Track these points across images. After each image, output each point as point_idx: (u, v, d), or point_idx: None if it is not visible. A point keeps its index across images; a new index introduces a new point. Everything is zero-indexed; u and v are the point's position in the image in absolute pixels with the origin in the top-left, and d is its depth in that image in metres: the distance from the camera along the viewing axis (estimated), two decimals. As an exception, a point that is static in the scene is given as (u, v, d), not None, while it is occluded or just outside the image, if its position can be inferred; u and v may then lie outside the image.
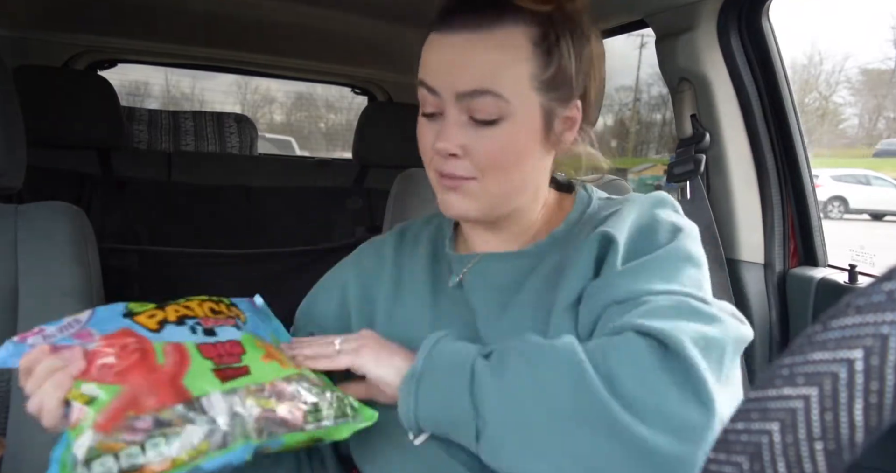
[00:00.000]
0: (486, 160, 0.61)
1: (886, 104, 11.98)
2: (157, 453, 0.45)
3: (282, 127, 13.04)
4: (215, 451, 0.47)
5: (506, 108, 0.60)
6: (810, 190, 1.18)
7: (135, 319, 0.55)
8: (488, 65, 0.59)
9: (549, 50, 0.60)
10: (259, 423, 0.51)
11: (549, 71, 0.61)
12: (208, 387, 0.50)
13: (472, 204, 0.64)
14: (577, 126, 0.66)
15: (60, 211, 0.89)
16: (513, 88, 0.59)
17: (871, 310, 0.21)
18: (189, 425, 0.47)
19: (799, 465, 0.22)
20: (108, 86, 1.67)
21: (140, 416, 0.46)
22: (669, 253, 0.59)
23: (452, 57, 0.60)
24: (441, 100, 0.61)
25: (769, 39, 1.14)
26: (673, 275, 0.58)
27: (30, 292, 0.83)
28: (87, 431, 0.45)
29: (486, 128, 0.60)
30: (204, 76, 11.39)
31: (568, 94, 0.63)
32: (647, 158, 12.17)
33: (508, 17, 0.59)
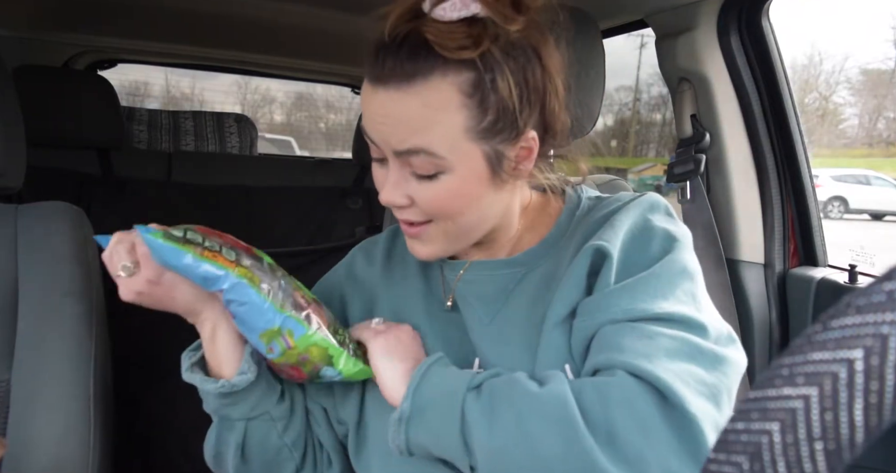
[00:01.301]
0: (433, 209, 0.61)
1: (886, 104, 11.98)
2: (228, 255, 0.59)
3: (282, 127, 13.05)
4: (258, 290, 0.58)
5: (443, 164, 0.57)
6: (810, 190, 1.18)
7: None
8: (416, 123, 0.56)
9: (484, 97, 0.55)
10: (295, 304, 0.60)
11: (486, 119, 0.56)
12: (267, 258, 0.63)
13: (435, 247, 0.65)
14: (534, 155, 0.62)
15: (60, 211, 0.89)
16: (447, 145, 0.56)
17: (871, 310, 0.21)
18: (252, 261, 0.61)
19: (799, 465, 0.22)
20: (108, 86, 1.66)
21: (227, 242, 0.62)
22: (664, 269, 0.58)
23: (381, 112, 0.57)
24: (383, 153, 0.61)
25: (769, 39, 1.14)
26: (669, 292, 0.57)
27: (30, 292, 0.83)
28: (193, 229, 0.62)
29: (428, 181, 0.59)
30: (204, 76, 11.40)
31: (514, 133, 0.59)
32: (647, 158, 12.18)
33: (434, 69, 0.54)
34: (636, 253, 0.60)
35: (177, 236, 0.58)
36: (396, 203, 0.61)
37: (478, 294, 0.67)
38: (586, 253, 0.60)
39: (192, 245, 0.58)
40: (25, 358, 0.80)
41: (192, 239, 0.59)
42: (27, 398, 0.79)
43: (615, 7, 1.21)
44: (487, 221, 0.65)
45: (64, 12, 1.63)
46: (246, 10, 1.54)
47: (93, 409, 0.82)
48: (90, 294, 0.87)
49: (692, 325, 0.55)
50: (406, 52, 0.55)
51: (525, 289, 0.65)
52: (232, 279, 0.57)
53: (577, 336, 0.59)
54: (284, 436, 0.69)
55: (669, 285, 0.57)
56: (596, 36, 0.90)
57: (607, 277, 0.59)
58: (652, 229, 0.62)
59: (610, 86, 1.23)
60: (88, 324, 0.85)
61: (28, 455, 0.77)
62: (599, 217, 0.65)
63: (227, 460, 0.69)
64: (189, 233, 0.60)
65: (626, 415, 0.49)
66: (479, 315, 0.66)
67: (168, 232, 0.59)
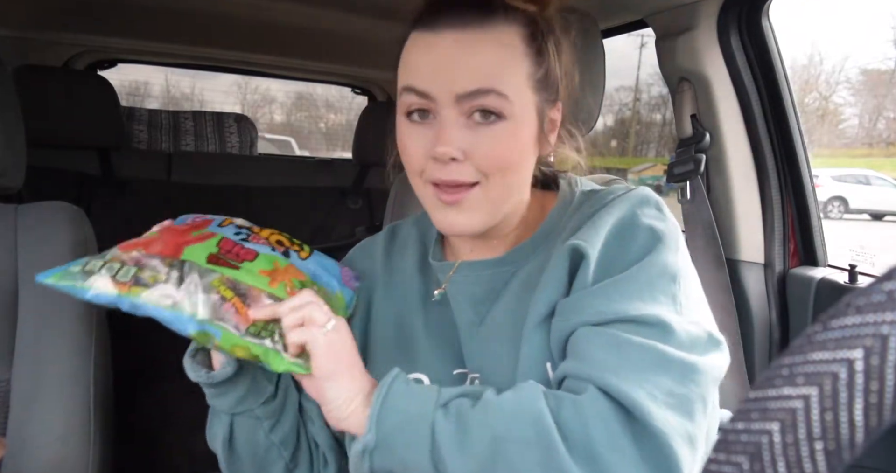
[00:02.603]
0: (490, 161, 0.58)
1: (886, 104, 11.98)
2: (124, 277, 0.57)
3: (282, 127, 13.05)
4: (162, 305, 0.56)
5: (508, 108, 0.58)
6: (810, 190, 1.18)
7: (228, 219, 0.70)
8: (489, 63, 0.57)
9: (540, 49, 0.60)
10: (211, 307, 0.57)
11: (541, 70, 0.60)
12: (195, 259, 0.59)
13: (474, 217, 0.61)
14: (557, 129, 0.66)
15: (60, 211, 0.89)
16: (514, 86, 0.58)
17: (871, 310, 0.21)
18: (158, 274, 0.57)
19: (799, 465, 0.22)
20: (108, 86, 1.66)
21: (142, 252, 0.59)
22: (643, 270, 0.56)
23: (450, 56, 0.57)
24: (435, 104, 0.58)
25: (769, 39, 1.14)
26: (646, 293, 0.55)
27: (30, 292, 0.83)
28: (115, 249, 0.60)
29: (487, 128, 0.58)
30: (204, 76, 11.41)
31: (554, 95, 0.63)
32: (647, 158, 12.17)
33: (499, 15, 0.58)
34: (617, 253, 0.58)
35: (74, 271, 0.58)
36: (451, 154, 0.57)
37: (467, 295, 0.67)
38: (565, 253, 0.59)
39: (87, 275, 0.57)
40: (25, 358, 0.80)
41: (90, 269, 0.57)
42: (27, 398, 0.79)
43: (615, 7, 1.21)
44: (523, 191, 0.65)
45: (64, 12, 1.63)
46: (246, 10, 1.54)
47: (93, 409, 0.82)
48: (90, 294, 0.87)
49: (666, 329, 0.53)
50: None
51: (512, 289, 0.65)
52: (126, 301, 0.55)
53: (555, 336, 0.58)
54: (272, 435, 0.68)
55: (648, 286, 0.56)
56: (596, 36, 0.90)
57: (584, 277, 0.58)
58: (636, 226, 0.60)
59: (610, 86, 1.23)
60: (88, 324, 0.85)
61: (28, 454, 0.77)
62: (588, 210, 0.64)
63: (217, 450, 0.69)
64: (92, 260, 0.59)
65: (602, 433, 0.48)
66: (470, 316, 0.66)
67: (68, 269, 0.58)
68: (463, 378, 0.66)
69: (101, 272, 0.57)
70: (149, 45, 1.98)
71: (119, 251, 0.60)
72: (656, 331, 0.53)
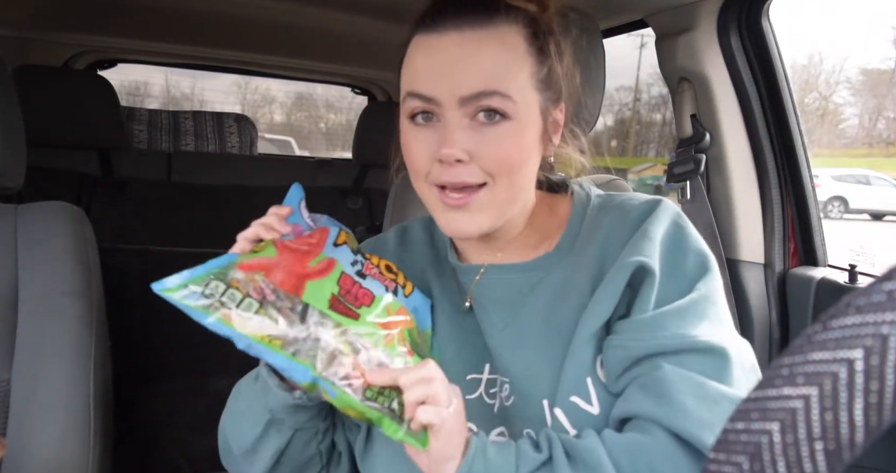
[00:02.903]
0: (495, 162, 0.58)
1: (886, 104, 11.99)
2: (246, 311, 0.54)
3: (282, 127, 13.05)
4: (281, 351, 0.53)
5: (512, 108, 0.57)
6: (810, 190, 1.18)
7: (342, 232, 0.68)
8: (492, 64, 0.57)
9: (542, 49, 0.60)
10: (327, 360, 0.54)
11: (543, 69, 0.60)
12: (316, 302, 0.57)
13: (480, 220, 0.60)
14: (560, 128, 0.65)
15: (60, 211, 0.89)
16: (517, 87, 0.58)
17: (871, 310, 0.21)
18: (279, 315, 0.55)
19: (799, 465, 0.22)
20: (108, 86, 1.67)
21: (265, 280, 0.56)
22: (705, 290, 0.58)
23: (452, 57, 0.57)
24: (439, 106, 0.58)
25: (769, 39, 1.14)
26: (713, 315, 0.58)
27: (30, 292, 0.83)
28: (235, 267, 0.57)
29: (492, 128, 0.57)
30: (204, 76, 11.41)
31: (557, 95, 0.63)
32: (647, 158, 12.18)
33: (501, 15, 0.58)
34: (674, 270, 0.60)
35: (195, 290, 0.54)
36: (456, 156, 0.57)
37: (493, 298, 0.66)
38: (626, 268, 0.59)
39: (210, 300, 0.54)
40: (25, 358, 0.80)
41: (210, 292, 0.54)
42: (27, 398, 0.79)
43: (615, 7, 1.21)
44: (528, 192, 0.64)
45: (64, 12, 1.63)
46: (246, 10, 1.54)
47: (93, 409, 0.82)
48: (90, 294, 0.87)
49: (730, 360, 0.55)
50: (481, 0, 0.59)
51: (541, 295, 0.64)
52: (245, 341, 0.53)
53: (618, 354, 0.57)
54: (321, 444, 0.68)
55: (712, 307, 0.58)
56: (596, 36, 0.90)
57: (649, 294, 0.58)
58: (685, 242, 0.61)
59: (610, 86, 1.23)
60: (88, 324, 0.85)
61: (28, 454, 0.77)
62: (618, 219, 0.64)
63: (262, 460, 0.67)
64: (214, 281, 0.55)
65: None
66: (494, 319, 0.66)
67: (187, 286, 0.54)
68: (476, 384, 0.65)
69: (223, 298, 0.54)
70: (149, 45, 1.98)
71: (240, 272, 0.56)
72: (722, 364, 0.55)
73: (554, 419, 0.59)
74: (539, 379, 0.61)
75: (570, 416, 0.58)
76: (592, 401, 0.58)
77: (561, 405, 0.59)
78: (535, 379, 0.61)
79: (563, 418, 0.58)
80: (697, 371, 0.54)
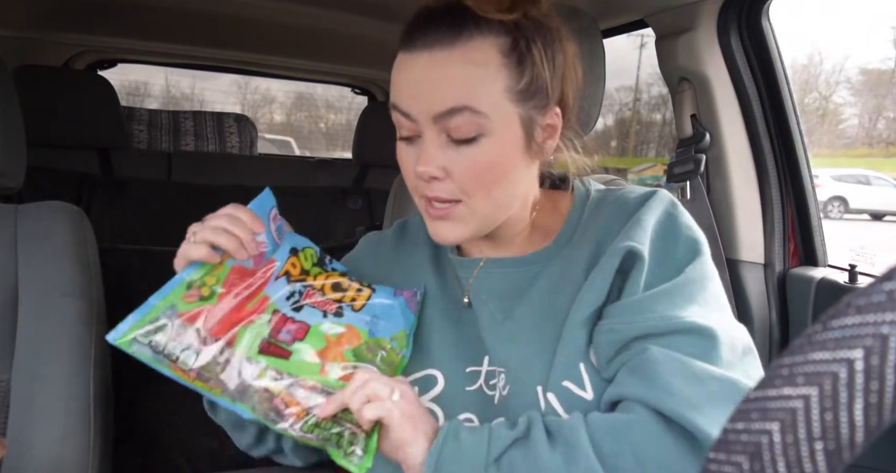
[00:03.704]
0: (470, 179, 0.59)
1: (886, 104, 11.99)
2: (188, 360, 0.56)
3: (282, 127, 13.06)
4: (222, 396, 0.56)
5: (485, 124, 0.58)
6: (810, 190, 1.18)
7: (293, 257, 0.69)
8: (461, 81, 0.57)
9: (521, 59, 0.59)
10: (260, 403, 0.56)
11: (523, 80, 0.59)
12: (248, 349, 0.58)
13: (460, 229, 0.62)
14: (557, 133, 0.64)
15: (60, 211, 0.89)
16: (489, 102, 0.57)
17: (871, 310, 0.21)
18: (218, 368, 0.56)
19: (799, 465, 0.22)
20: (108, 86, 1.67)
21: (201, 328, 0.57)
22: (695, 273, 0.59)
23: (423, 76, 0.58)
24: (417, 124, 0.59)
25: (769, 39, 1.14)
26: (701, 297, 0.58)
27: (30, 292, 0.83)
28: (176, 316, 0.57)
29: (467, 146, 0.58)
30: (204, 76, 11.41)
31: (544, 102, 0.61)
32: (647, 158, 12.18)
33: (474, 29, 0.57)
34: (663, 255, 0.60)
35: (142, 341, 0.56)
36: (431, 173, 0.59)
37: (491, 291, 0.67)
38: (617, 254, 0.60)
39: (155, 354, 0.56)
40: (25, 358, 0.80)
41: (156, 345, 0.56)
42: (27, 398, 0.79)
43: (615, 7, 1.21)
44: (514, 201, 0.64)
45: (64, 12, 1.63)
46: (246, 10, 1.54)
47: (93, 409, 0.82)
48: (90, 294, 0.87)
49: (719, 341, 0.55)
50: (448, 16, 0.58)
51: (539, 288, 0.65)
52: (191, 386, 0.56)
53: (609, 337, 0.58)
54: None
55: (700, 291, 0.58)
56: (596, 36, 0.90)
57: (638, 279, 0.59)
58: (677, 228, 0.62)
59: (610, 86, 1.23)
60: (88, 324, 0.85)
61: (28, 455, 0.77)
62: (615, 211, 0.65)
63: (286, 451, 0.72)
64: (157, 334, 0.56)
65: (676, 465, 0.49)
66: (492, 312, 0.66)
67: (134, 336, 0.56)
68: (476, 376, 0.66)
69: (165, 351, 0.56)
70: (149, 45, 1.98)
71: (178, 321, 0.57)
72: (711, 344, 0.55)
73: (547, 404, 0.59)
74: (533, 367, 0.61)
75: (563, 401, 0.59)
76: (586, 387, 0.58)
77: (554, 390, 0.59)
78: (530, 367, 0.61)
79: (556, 403, 0.59)
80: (685, 352, 0.54)
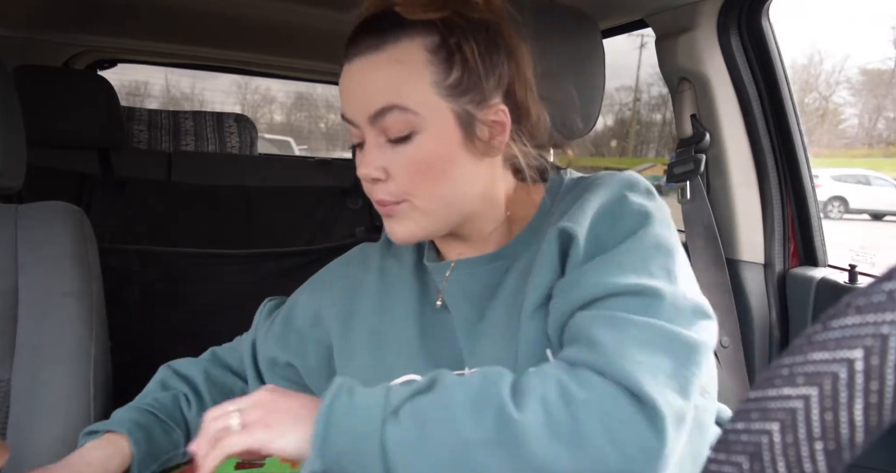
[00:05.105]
0: (409, 178, 0.60)
1: (886, 104, 11.99)
2: None
3: (282, 127, 13.07)
4: None
5: (416, 121, 0.59)
6: (810, 190, 1.18)
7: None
8: (387, 80, 0.59)
9: (450, 55, 0.60)
10: None
11: (452, 75, 0.60)
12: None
13: (411, 226, 0.63)
14: (506, 130, 0.63)
15: (60, 211, 0.89)
16: (417, 99, 0.59)
17: (871, 310, 0.21)
18: None
19: (799, 465, 0.22)
20: (108, 86, 1.66)
21: None
22: (637, 243, 0.57)
23: (355, 82, 0.61)
24: (360, 129, 0.62)
25: (769, 39, 1.14)
26: (640, 266, 0.55)
27: (30, 292, 0.83)
28: None
29: (403, 145, 0.60)
30: (204, 76, 11.41)
31: (480, 97, 0.61)
32: (647, 158, 12.18)
33: (400, 32, 0.59)
34: (606, 230, 0.59)
35: None
36: (371, 174, 0.61)
37: (465, 293, 0.67)
38: (554, 237, 0.59)
39: None
40: (25, 358, 0.80)
41: None
42: (27, 398, 0.79)
43: (615, 7, 1.21)
44: (466, 199, 0.64)
45: (64, 12, 1.63)
46: (246, 10, 1.54)
47: (93, 409, 0.82)
48: (90, 294, 0.87)
49: (660, 299, 0.52)
50: (376, 23, 0.61)
51: (510, 283, 0.64)
52: None
53: (553, 317, 0.57)
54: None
55: (642, 260, 0.55)
56: (596, 36, 0.90)
57: (576, 257, 0.58)
58: (624, 205, 0.60)
59: (610, 86, 1.23)
60: (88, 324, 0.85)
61: (28, 455, 0.77)
62: (577, 195, 0.63)
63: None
64: None
65: (594, 417, 0.46)
66: (467, 314, 0.66)
67: None
68: None
69: None
70: (149, 45, 1.98)
71: None
72: (651, 302, 0.52)
73: None
74: (503, 362, 0.59)
75: None
76: None
77: None
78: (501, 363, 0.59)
79: None
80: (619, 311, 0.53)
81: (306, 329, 0.76)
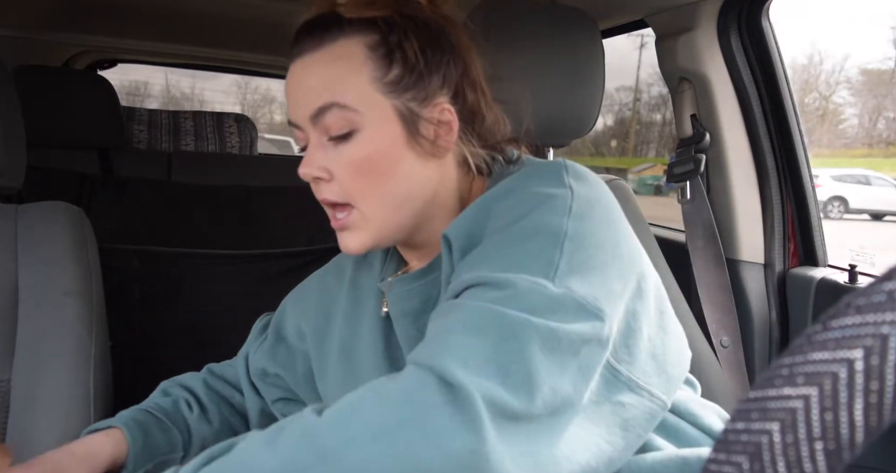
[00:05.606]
0: (351, 177, 0.59)
1: (886, 104, 11.99)
2: None
3: (282, 127, 13.05)
4: None
5: (356, 118, 0.58)
6: (810, 190, 1.18)
7: None
8: (325, 78, 0.59)
9: (389, 52, 0.59)
10: None
11: (392, 72, 0.59)
12: None
13: (362, 236, 0.61)
14: (454, 130, 0.61)
15: (60, 211, 0.89)
16: (355, 95, 0.58)
17: (871, 310, 0.21)
18: None
19: (799, 465, 0.22)
20: (108, 86, 1.67)
21: None
22: (514, 232, 0.52)
23: (295, 83, 0.61)
24: (304, 131, 0.61)
25: (769, 39, 1.14)
26: (512, 257, 0.50)
27: (30, 292, 0.83)
28: None
29: (344, 143, 0.58)
30: (204, 76, 11.41)
31: (424, 95, 0.60)
32: (647, 158, 12.18)
33: (338, 31, 0.59)
34: (483, 225, 0.56)
35: None
36: (312, 173, 0.59)
37: (403, 311, 0.64)
38: (444, 245, 0.58)
39: None
40: (25, 358, 0.80)
41: None
42: (27, 398, 0.79)
43: (615, 7, 1.21)
44: (415, 202, 0.61)
45: (64, 12, 1.63)
46: (246, 10, 1.54)
47: (93, 409, 0.82)
48: (90, 294, 0.87)
49: (513, 290, 0.48)
50: (317, 23, 0.61)
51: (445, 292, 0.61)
52: None
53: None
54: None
55: (514, 250, 0.51)
56: (596, 36, 0.90)
57: (456, 260, 0.56)
58: (515, 195, 0.56)
59: (610, 86, 1.23)
60: (88, 324, 0.85)
61: (28, 455, 0.77)
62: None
63: None
64: None
65: (403, 409, 0.43)
66: (411, 332, 0.63)
67: None
68: None
69: None
70: (149, 45, 1.98)
71: None
72: (502, 294, 0.48)
73: None
74: None
75: None
76: None
77: None
78: None
79: None
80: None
81: (294, 342, 0.77)
